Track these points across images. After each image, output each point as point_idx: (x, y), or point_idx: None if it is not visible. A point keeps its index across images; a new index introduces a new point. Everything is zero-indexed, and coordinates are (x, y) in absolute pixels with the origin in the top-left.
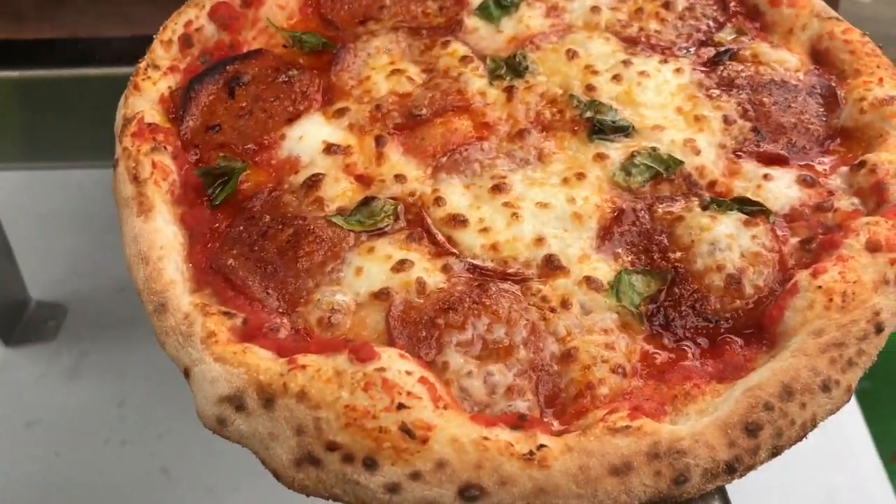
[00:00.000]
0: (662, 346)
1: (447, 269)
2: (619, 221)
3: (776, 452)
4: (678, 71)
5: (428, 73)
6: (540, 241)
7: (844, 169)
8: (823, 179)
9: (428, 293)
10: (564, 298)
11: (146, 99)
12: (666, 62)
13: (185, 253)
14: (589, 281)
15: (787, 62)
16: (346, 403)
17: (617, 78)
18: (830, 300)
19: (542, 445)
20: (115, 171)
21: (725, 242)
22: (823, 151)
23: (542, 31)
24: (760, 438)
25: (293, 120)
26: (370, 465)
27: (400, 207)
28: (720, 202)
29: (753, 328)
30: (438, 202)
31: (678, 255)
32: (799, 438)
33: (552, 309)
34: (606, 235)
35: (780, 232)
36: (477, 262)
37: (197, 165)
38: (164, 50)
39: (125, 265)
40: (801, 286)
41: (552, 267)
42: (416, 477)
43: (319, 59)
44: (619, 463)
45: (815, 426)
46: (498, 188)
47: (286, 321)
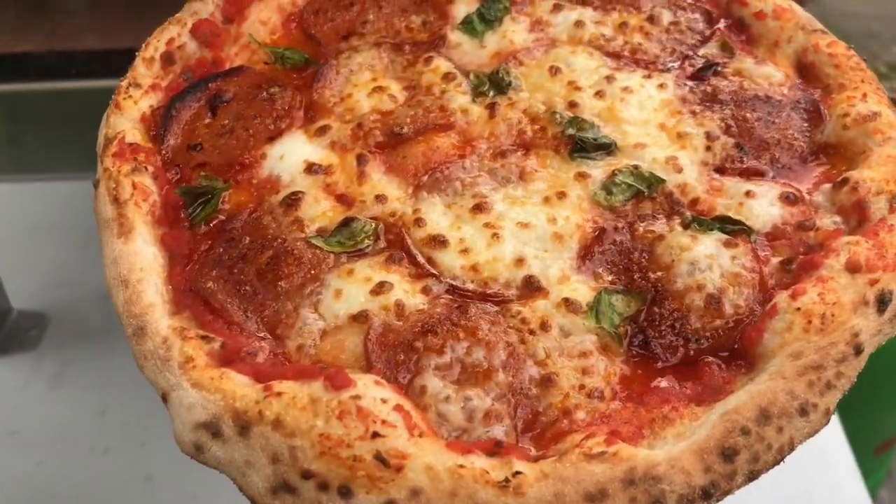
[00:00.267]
0: (641, 367)
1: (427, 290)
2: (599, 241)
3: (753, 477)
4: (662, 86)
5: (410, 89)
6: (520, 261)
7: (827, 186)
8: (806, 197)
9: (407, 315)
10: (544, 320)
11: (127, 118)
12: (650, 77)
13: (165, 275)
14: (568, 303)
15: (771, 77)
16: (320, 432)
17: (600, 94)
18: (809, 322)
19: (517, 472)
20: (96, 191)
21: (706, 262)
22: (807, 167)
23: (525, 46)
24: (737, 463)
25: (275, 138)
26: (345, 493)
27: (380, 228)
28: (701, 221)
29: (732, 349)
30: (419, 223)
31: (658, 274)
32: (776, 462)
33: (531, 331)
34: (587, 255)
35: (761, 252)
36: (457, 283)
37: (178, 185)
38: (146, 67)
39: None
40: (779, 308)
41: (532, 288)
42: None
43: (302, 75)
44: (594, 490)
45: (792, 450)
46: (479, 208)
47: (265, 345)
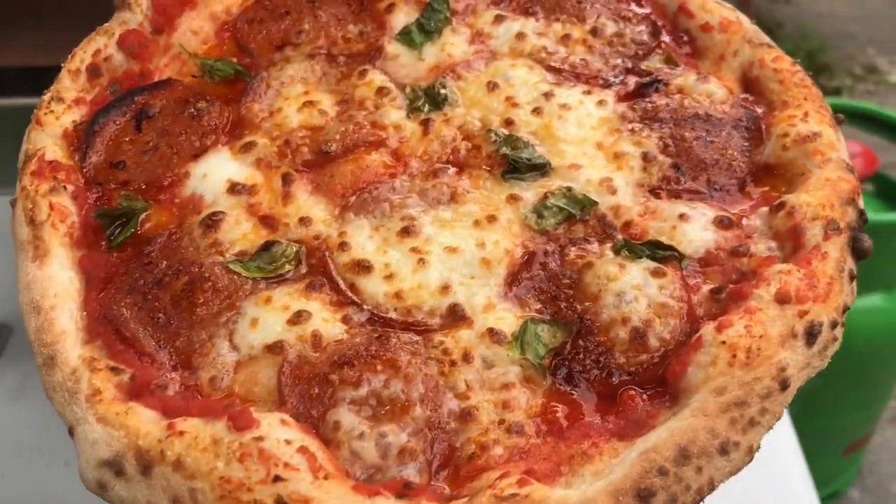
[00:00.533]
0: (564, 400)
1: (347, 319)
2: (528, 266)
3: None
4: (601, 103)
5: (343, 104)
6: (445, 288)
7: (764, 210)
8: (743, 220)
9: (324, 346)
10: (466, 351)
11: (49, 134)
12: (589, 93)
13: (80, 300)
14: (492, 333)
15: (713, 94)
16: (221, 475)
17: (537, 111)
18: (734, 356)
19: None
20: (13, 210)
21: (632, 294)
22: (745, 189)
23: (465, 58)
24: None
25: (199, 156)
26: None
27: (302, 252)
28: (632, 246)
29: (657, 383)
30: (343, 247)
31: (585, 304)
32: (696, 503)
33: (453, 362)
34: (514, 281)
35: (691, 279)
36: (379, 311)
37: (98, 204)
38: (71, 80)
39: None
40: (704, 341)
41: (456, 317)
42: None
43: (232, 88)
44: None
45: (712, 489)
46: (407, 231)
47: (175, 377)
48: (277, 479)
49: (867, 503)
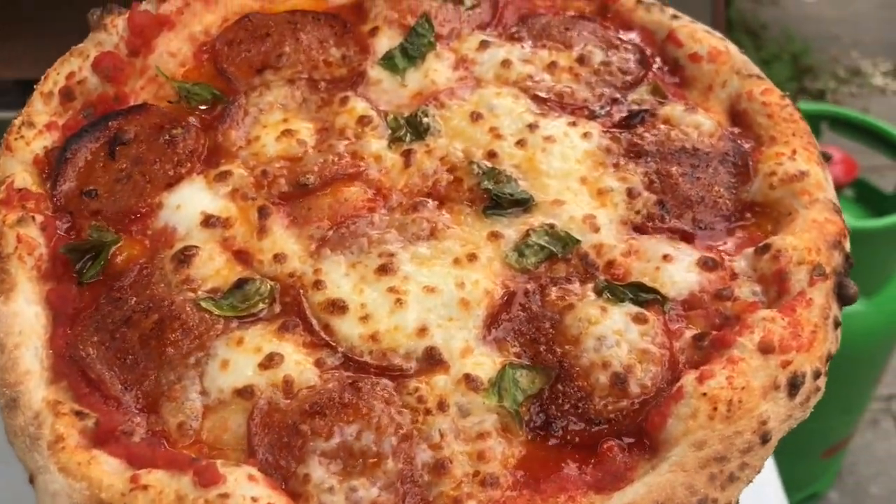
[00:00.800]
0: (541, 450)
1: (321, 363)
2: (508, 306)
3: None
4: (586, 135)
5: (322, 132)
6: (423, 331)
7: (750, 251)
8: (727, 260)
9: (296, 392)
10: (442, 399)
11: (19, 160)
12: (575, 125)
13: (47, 337)
14: (468, 379)
15: (700, 126)
16: None
17: (521, 143)
18: (715, 409)
19: None
20: None
21: (613, 339)
22: (731, 228)
23: (448, 86)
24: None
25: (173, 185)
26: None
27: (276, 289)
28: (614, 288)
29: (636, 432)
30: (318, 285)
31: (565, 348)
32: None
33: (428, 411)
34: (493, 323)
35: (674, 324)
36: (354, 354)
37: (68, 234)
38: (43, 103)
39: None
40: (685, 392)
41: (433, 362)
42: None
43: (210, 113)
44: None
45: None
46: (384, 269)
47: (142, 421)
48: None
49: None
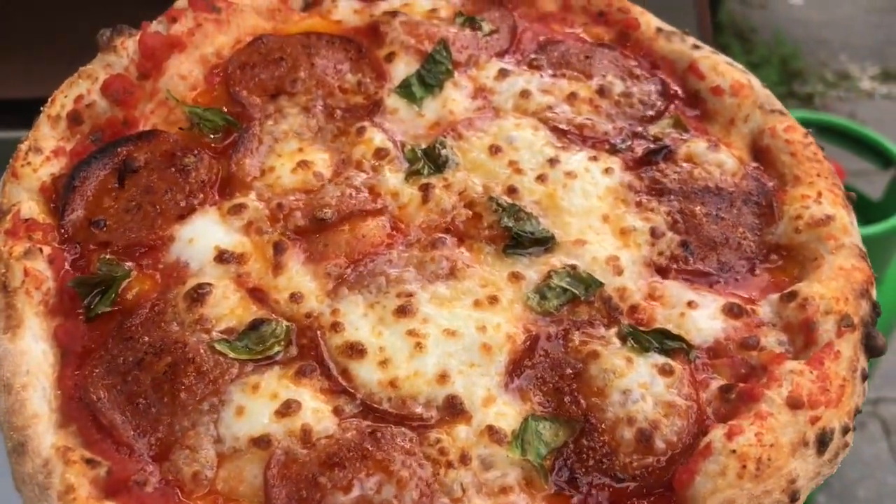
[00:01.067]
0: None
1: (339, 411)
2: (531, 352)
3: None
4: (607, 171)
5: (339, 164)
6: (444, 377)
7: (775, 297)
8: (752, 307)
9: (314, 442)
10: (464, 452)
11: (25, 187)
12: (596, 160)
13: (55, 376)
14: (491, 431)
15: (723, 165)
16: None
17: (542, 178)
18: (744, 467)
19: None
20: None
21: (639, 392)
22: (755, 271)
23: (467, 115)
24: None
25: (186, 216)
26: None
27: (293, 331)
28: (638, 335)
29: (663, 488)
30: (336, 327)
31: (591, 400)
32: None
33: (449, 463)
34: (516, 370)
35: (700, 374)
36: (373, 401)
37: (76, 267)
38: (50, 127)
39: None
40: (714, 448)
41: (454, 411)
42: None
43: (222, 141)
44: None
45: None
46: (403, 310)
47: (155, 470)
48: None
49: None
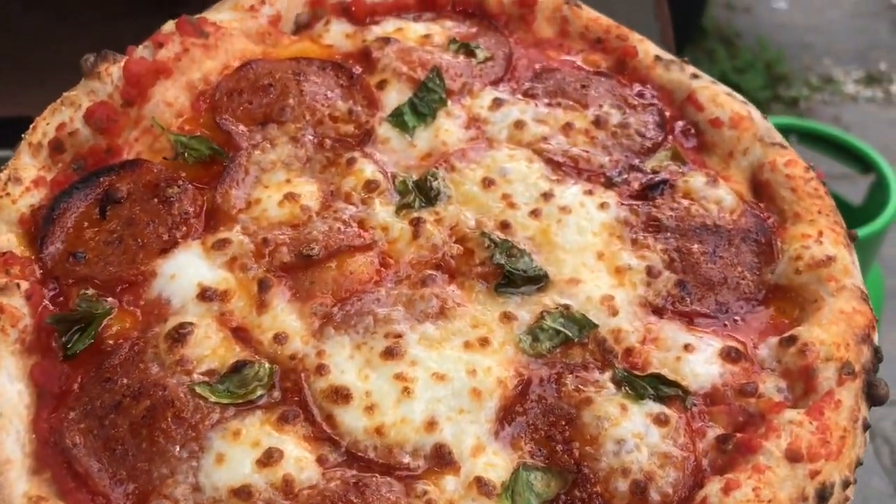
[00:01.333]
0: None
1: (323, 460)
2: (522, 398)
3: None
4: (603, 206)
5: (328, 195)
6: (431, 424)
7: (774, 340)
8: (750, 350)
9: (297, 493)
10: None
11: (4, 219)
12: (591, 193)
13: (30, 419)
14: (480, 483)
15: (722, 201)
16: None
17: (535, 213)
18: None
19: None
20: None
21: (633, 442)
22: (754, 312)
23: (459, 146)
24: None
25: (168, 250)
26: None
27: (276, 373)
28: (633, 381)
29: None
30: (321, 370)
31: (584, 449)
32: None
33: None
34: (506, 417)
35: (695, 422)
36: (358, 449)
37: (54, 303)
38: (31, 155)
39: None
40: (710, 503)
41: (442, 461)
42: None
43: (208, 171)
44: None
45: None
46: (391, 352)
47: None
48: None
49: None
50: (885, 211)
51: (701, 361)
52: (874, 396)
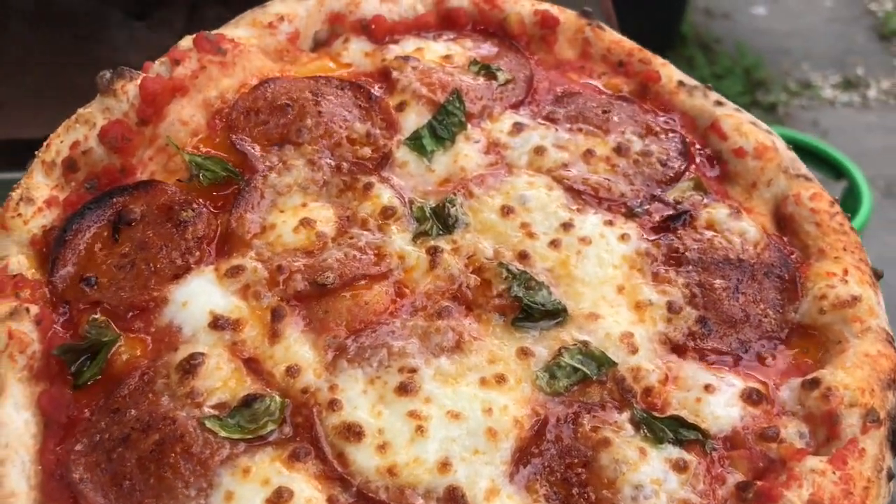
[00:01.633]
0: None
1: (333, 500)
2: (538, 438)
3: None
4: (623, 237)
5: (343, 221)
6: (445, 465)
7: (796, 382)
8: (771, 391)
9: None
10: None
11: (15, 240)
12: (611, 224)
13: (37, 448)
14: None
15: (745, 233)
16: None
17: (555, 244)
18: None
19: None
20: None
21: (651, 489)
22: (776, 351)
23: (478, 172)
24: None
25: (181, 276)
26: None
27: (288, 407)
28: (652, 423)
29: None
30: (334, 405)
31: (601, 493)
32: None
33: None
34: (522, 459)
35: (715, 467)
36: (369, 490)
37: (65, 328)
38: (44, 174)
39: None
40: None
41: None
42: None
43: (222, 191)
44: None
45: None
46: (405, 388)
47: None
48: None
49: None
50: (856, 217)
51: (721, 403)
52: None
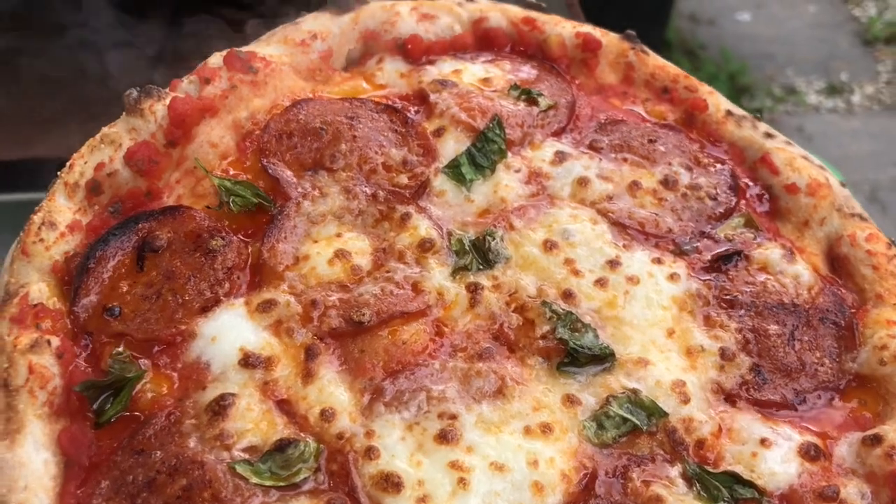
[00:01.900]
0: None
1: None
2: (586, 494)
3: None
4: (673, 277)
5: (380, 253)
6: None
7: (856, 437)
8: (830, 445)
9: None
10: None
11: (36, 267)
12: (660, 262)
13: (56, 491)
14: None
15: (799, 277)
16: None
17: (601, 282)
18: None
19: None
20: None
21: None
22: (832, 403)
23: (519, 202)
24: None
25: (209, 308)
26: None
27: (323, 453)
28: (706, 479)
29: None
30: (371, 453)
31: None
32: None
33: None
34: None
35: None
36: None
37: (88, 362)
38: (67, 196)
39: None
40: None
41: None
42: None
43: (253, 220)
44: None
45: None
46: (445, 436)
47: None
48: None
49: None
50: None
51: (778, 459)
52: None
